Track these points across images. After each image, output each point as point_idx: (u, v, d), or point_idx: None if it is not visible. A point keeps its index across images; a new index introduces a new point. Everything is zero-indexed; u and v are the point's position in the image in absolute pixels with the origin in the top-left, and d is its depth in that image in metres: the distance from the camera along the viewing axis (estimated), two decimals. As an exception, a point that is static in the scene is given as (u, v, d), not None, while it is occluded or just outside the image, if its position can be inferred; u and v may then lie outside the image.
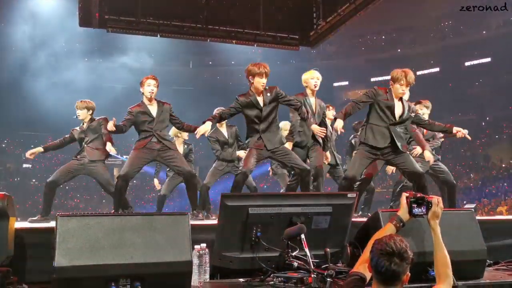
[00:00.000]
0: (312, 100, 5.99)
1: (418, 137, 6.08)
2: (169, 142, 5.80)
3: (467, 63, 34.84)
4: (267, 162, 7.52)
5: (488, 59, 33.96)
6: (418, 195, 3.11)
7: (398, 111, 5.09)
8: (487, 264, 3.67)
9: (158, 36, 9.87)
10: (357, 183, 5.68)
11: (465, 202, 23.38)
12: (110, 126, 5.35)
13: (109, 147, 5.88)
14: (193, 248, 3.09)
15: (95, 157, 6.18)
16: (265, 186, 30.20)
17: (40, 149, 6.37)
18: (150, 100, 5.71)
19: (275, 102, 5.34)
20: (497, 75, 33.50)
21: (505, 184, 26.66)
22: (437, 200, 3.07)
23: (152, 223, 2.91)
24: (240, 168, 5.33)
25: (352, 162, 5.53)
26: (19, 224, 4.45)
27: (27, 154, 6.33)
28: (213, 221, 4.81)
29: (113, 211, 5.80)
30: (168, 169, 7.38)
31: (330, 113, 7.41)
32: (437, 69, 36.52)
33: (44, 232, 3.73)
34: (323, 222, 3.41)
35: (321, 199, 3.48)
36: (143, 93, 5.72)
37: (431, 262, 3.00)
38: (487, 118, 33.59)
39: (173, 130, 7.12)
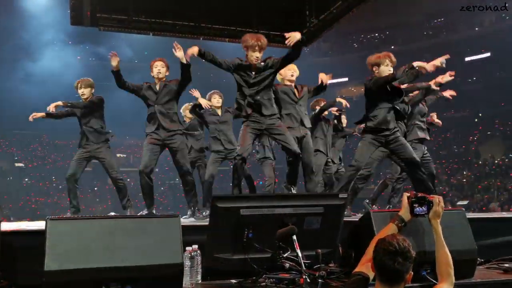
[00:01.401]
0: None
1: None
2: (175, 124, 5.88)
3: (466, 59, 34.79)
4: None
5: (487, 54, 33.91)
6: (419, 194, 3.14)
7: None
8: (478, 262, 3.70)
9: (151, 34, 9.82)
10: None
11: (456, 199, 23.52)
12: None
13: None
14: (184, 250, 3.09)
15: (98, 140, 6.37)
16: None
17: (43, 114, 6.54)
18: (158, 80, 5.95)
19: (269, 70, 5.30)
20: (490, 72, 33.66)
21: (498, 180, 26.78)
22: (438, 200, 3.10)
23: (143, 226, 2.91)
24: (237, 148, 5.25)
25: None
26: (11, 226, 4.44)
27: (30, 117, 6.59)
28: (205, 222, 4.81)
29: (112, 213, 5.88)
30: None
31: None
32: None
33: (35, 234, 3.71)
34: (315, 223, 3.41)
35: (312, 199, 3.48)
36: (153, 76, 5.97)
37: (432, 262, 3.02)
38: (480, 115, 33.72)
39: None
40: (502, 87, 31.72)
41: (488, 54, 33.52)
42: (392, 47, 37.68)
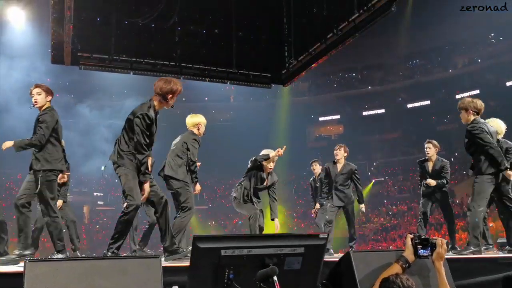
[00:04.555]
0: None
1: None
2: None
3: (457, 96, 35.07)
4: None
5: (477, 91, 34.14)
6: (423, 236, 3.20)
7: None
8: (457, 303, 3.71)
9: (131, 73, 9.89)
10: None
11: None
12: None
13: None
14: (165, 292, 3.06)
15: None
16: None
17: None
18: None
19: None
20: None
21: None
22: (441, 242, 3.17)
23: (123, 267, 2.88)
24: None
25: None
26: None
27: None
28: (186, 262, 4.76)
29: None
30: None
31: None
32: (407, 106, 37.28)
33: (13, 276, 3.63)
34: (296, 263, 3.40)
35: (293, 240, 3.48)
36: None
37: None
38: (456, 154, 34.32)
39: None
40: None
41: (477, 91, 33.93)
42: (369, 87, 38.52)
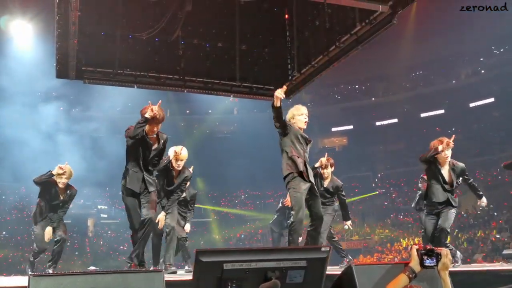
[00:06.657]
0: None
1: None
2: None
3: (470, 105, 35.23)
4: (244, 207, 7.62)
5: (491, 99, 34.02)
6: (428, 247, 3.27)
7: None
8: (460, 316, 3.71)
9: (135, 87, 9.97)
10: None
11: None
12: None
13: None
14: (167, 305, 3.07)
15: None
16: (242, 236, 29.95)
17: None
18: None
19: None
20: (468, 122, 34.39)
21: (481, 230, 26.91)
22: (446, 252, 3.23)
23: (126, 282, 2.90)
24: None
25: None
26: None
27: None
28: (189, 276, 4.76)
29: (93, 268, 5.87)
30: None
31: None
32: (420, 115, 37.19)
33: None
34: (298, 277, 3.41)
35: (295, 253, 3.49)
36: None
37: None
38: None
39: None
40: (481, 138, 32.47)
41: (492, 100, 33.94)
42: (373, 98, 38.54)
